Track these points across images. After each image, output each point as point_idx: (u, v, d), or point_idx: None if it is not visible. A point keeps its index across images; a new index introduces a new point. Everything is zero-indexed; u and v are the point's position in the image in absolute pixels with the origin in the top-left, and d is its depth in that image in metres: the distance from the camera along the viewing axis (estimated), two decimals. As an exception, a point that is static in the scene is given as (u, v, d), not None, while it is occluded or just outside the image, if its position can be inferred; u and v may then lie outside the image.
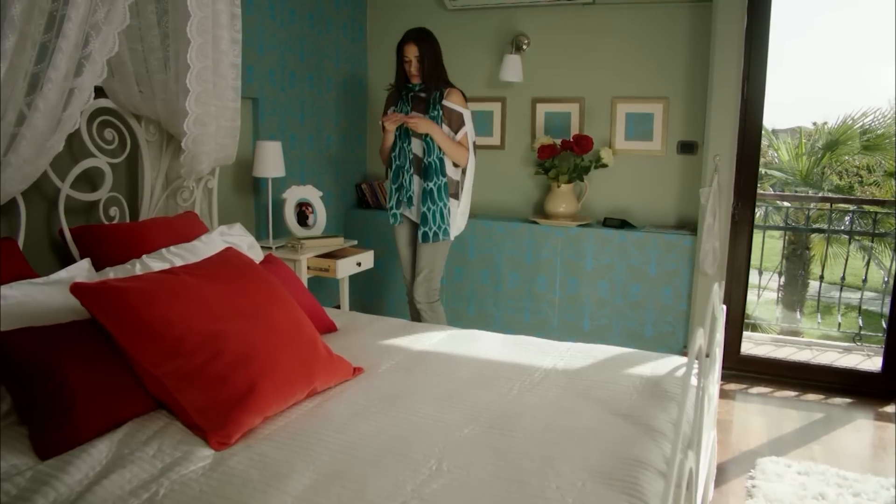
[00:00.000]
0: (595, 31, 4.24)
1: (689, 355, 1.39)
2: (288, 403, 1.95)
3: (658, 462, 1.70)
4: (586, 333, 4.25)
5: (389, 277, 4.63)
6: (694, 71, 4.06)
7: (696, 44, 4.03)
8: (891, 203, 6.10)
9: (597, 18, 4.22)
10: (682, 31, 4.06)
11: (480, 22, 4.48)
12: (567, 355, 2.52)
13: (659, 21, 4.10)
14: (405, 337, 2.67)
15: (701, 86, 4.03)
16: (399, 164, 3.54)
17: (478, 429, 1.85)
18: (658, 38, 4.12)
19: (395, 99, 3.58)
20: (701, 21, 3.98)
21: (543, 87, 4.42)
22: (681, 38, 4.07)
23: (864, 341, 4.71)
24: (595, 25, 4.23)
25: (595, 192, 4.37)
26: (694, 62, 4.05)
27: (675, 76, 4.12)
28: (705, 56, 3.97)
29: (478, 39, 4.51)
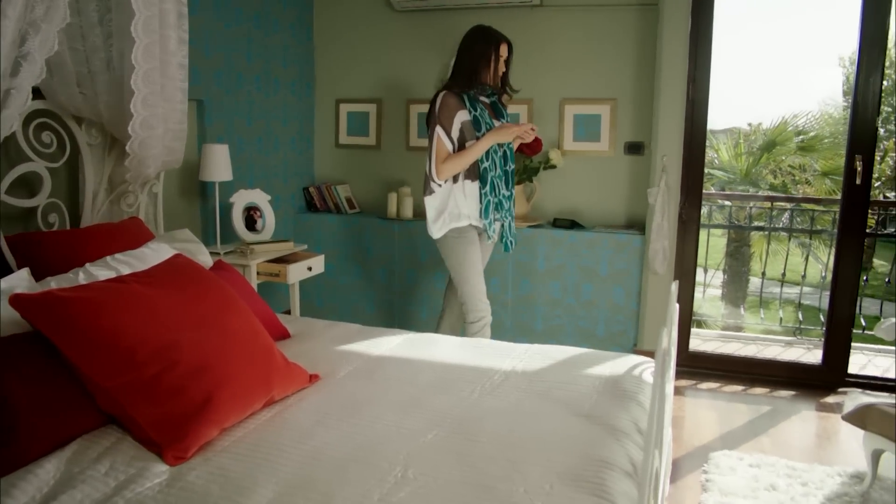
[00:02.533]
0: (543, 33, 4.27)
1: (658, 355, 1.40)
2: (246, 414, 1.89)
3: (623, 462, 1.70)
4: (539, 334, 4.27)
5: (340, 282, 4.57)
6: (640, 73, 4.12)
7: (643, 46, 4.09)
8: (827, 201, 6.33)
9: (545, 21, 4.25)
10: (629, 33, 4.12)
11: (429, 24, 4.46)
12: (525, 357, 2.52)
13: (606, 24, 4.15)
14: (362, 342, 2.63)
15: (647, 87, 4.09)
16: (493, 175, 3.23)
17: (441, 434, 1.83)
18: (605, 41, 4.17)
19: (460, 101, 3.17)
20: (647, 24, 4.04)
21: (493, 88, 4.41)
22: (627, 40, 4.13)
23: (804, 335, 4.87)
24: (543, 27, 4.26)
25: (545, 193, 4.39)
26: (640, 64, 4.12)
27: (623, 78, 4.18)
28: (651, 58, 4.03)
29: (427, 41, 4.48)
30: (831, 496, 2.66)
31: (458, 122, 3.16)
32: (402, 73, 4.57)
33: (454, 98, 3.17)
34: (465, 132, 3.17)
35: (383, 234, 4.49)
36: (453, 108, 3.15)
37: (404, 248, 4.46)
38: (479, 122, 3.17)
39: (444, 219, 3.25)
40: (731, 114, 17.97)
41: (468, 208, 3.23)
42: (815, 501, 2.62)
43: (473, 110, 3.17)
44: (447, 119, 3.15)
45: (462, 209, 3.23)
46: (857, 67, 3.63)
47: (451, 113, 3.15)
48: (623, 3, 4.08)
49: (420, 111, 4.55)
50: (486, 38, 3.19)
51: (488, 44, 3.18)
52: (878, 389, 3.83)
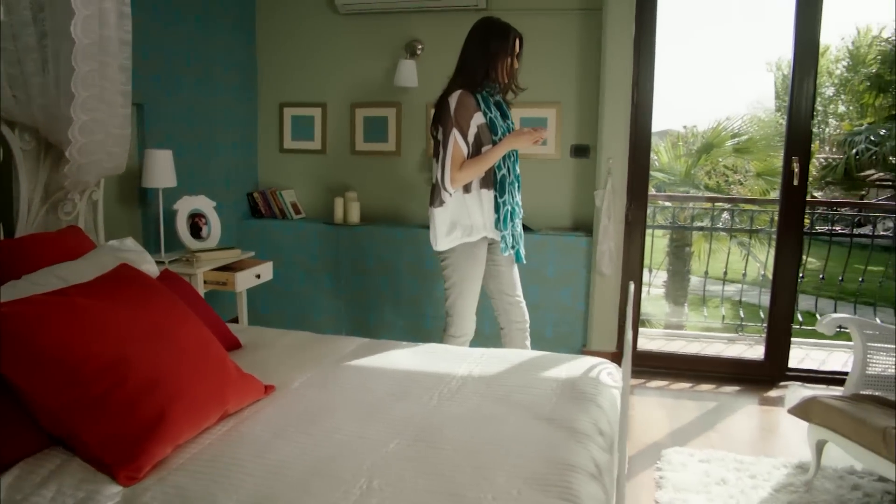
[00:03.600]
0: (489, 37, 4.27)
1: (625, 356, 1.40)
2: (200, 429, 1.82)
3: (588, 464, 1.70)
4: (487, 337, 4.26)
5: (286, 288, 4.48)
6: (585, 76, 4.17)
7: (587, 50, 4.14)
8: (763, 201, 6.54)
9: (490, 24, 4.25)
10: (574, 37, 4.17)
11: (373, 27, 4.42)
12: (481, 361, 2.50)
13: (551, 28, 4.18)
14: (315, 350, 2.57)
15: (592, 91, 4.14)
16: (509, 181, 3.03)
17: (404, 443, 1.80)
18: (550, 45, 4.20)
19: (475, 101, 2.94)
20: (591, 28, 4.09)
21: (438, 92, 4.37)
22: (572, 44, 4.17)
23: (746, 331, 5.01)
24: (488, 31, 4.26)
25: (492, 197, 4.40)
26: (585, 68, 4.17)
27: (568, 81, 4.22)
28: (596, 62, 4.09)
29: (371, 44, 4.45)
30: (778, 487, 2.74)
31: (475, 125, 2.91)
32: (347, 77, 4.52)
33: (471, 98, 2.91)
34: (482, 136, 2.93)
35: (330, 240, 4.43)
36: (471, 110, 2.90)
37: (351, 254, 4.41)
38: (495, 126, 2.94)
39: (455, 233, 3.01)
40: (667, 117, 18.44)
41: (483, 219, 3.00)
42: (764, 493, 2.69)
43: (489, 112, 2.94)
44: (465, 121, 2.89)
45: (475, 221, 3.00)
46: (792, 74, 3.76)
47: (469, 114, 2.90)
48: (567, 8, 4.12)
49: (366, 115, 4.51)
50: (501, 32, 2.95)
51: (505, 38, 2.94)
52: (816, 382, 3.97)
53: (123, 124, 2.60)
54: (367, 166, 4.58)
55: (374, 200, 4.57)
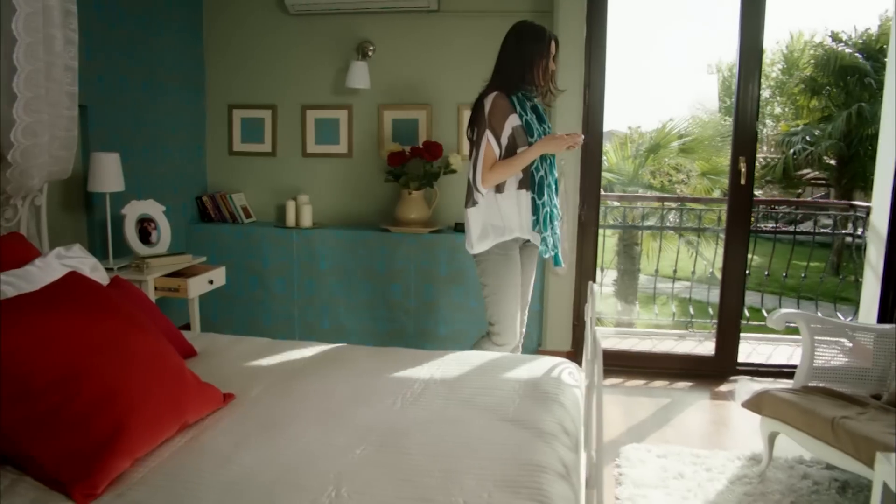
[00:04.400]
0: (440, 38, 4.28)
1: (593, 356, 1.41)
2: (159, 441, 1.76)
3: (556, 464, 1.71)
4: (443, 339, 4.27)
5: (237, 294, 4.39)
6: (536, 79, 4.19)
7: (538, 52, 4.16)
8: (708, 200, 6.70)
9: (441, 26, 4.26)
10: (524, 40, 4.18)
11: (324, 28, 4.37)
12: (442, 364, 2.49)
13: (502, 29, 4.13)
14: (272, 357, 2.53)
15: (543, 93, 4.17)
16: (548, 183, 2.99)
17: (370, 449, 1.77)
18: (501, 46, 4.21)
19: (510, 104, 2.93)
20: (541, 31, 4.12)
21: (390, 93, 4.39)
22: (523, 46, 4.19)
23: (695, 328, 5.12)
24: (440, 32, 4.27)
25: (446, 198, 4.40)
26: (536, 70, 4.19)
27: (519, 83, 4.24)
28: (547, 64, 4.12)
29: (322, 45, 4.40)
30: (733, 479, 2.80)
31: (510, 126, 2.90)
32: (298, 78, 4.46)
33: (506, 100, 2.91)
34: (517, 138, 2.92)
35: (282, 244, 4.36)
36: (505, 112, 2.90)
37: (303, 258, 4.35)
38: (530, 127, 2.93)
39: (489, 234, 2.98)
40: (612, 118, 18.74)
41: (517, 220, 2.97)
42: (720, 485, 2.75)
43: (524, 114, 2.93)
44: (498, 123, 2.89)
45: (508, 221, 2.97)
46: (737, 77, 3.86)
47: (503, 116, 2.90)
48: (518, 10, 4.14)
49: (317, 117, 4.46)
50: (538, 35, 2.96)
51: (542, 41, 2.94)
52: (764, 375, 4.08)
53: (69, 126, 2.51)
54: (319, 169, 4.52)
55: (327, 203, 4.52)
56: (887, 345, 2.99)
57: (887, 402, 2.72)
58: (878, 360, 2.99)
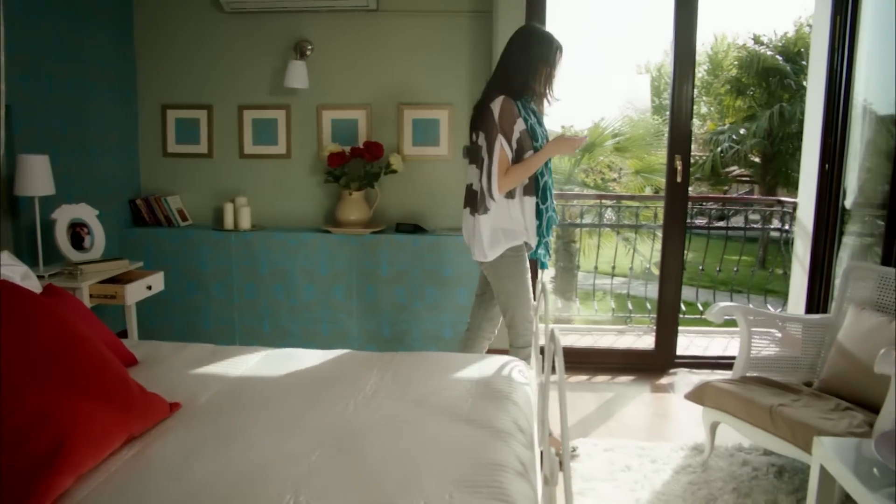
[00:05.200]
0: (379, 37, 4.25)
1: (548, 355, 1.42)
2: (104, 455, 1.69)
3: (514, 462, 1.72)
4: (386, 340, 4.25)
5: (174, 299, 4.26)
6: (476, 78, 4.22)
7: (478, 53, 4.19)
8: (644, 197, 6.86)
9: (381, 25, 4.24)
10: (464, 39, 4.21)
11: (261, 26, 4.29)
12: (393, 365, 2.48)
13: (441, 29, 4.21)
14: (218, 363, 2.46)
15: (483, 92, 4.19)
16: (549, 188, 2.99)
17: (326, 454, 1.74)
18: (441, 46, 4.23)
19: (517, 108, 2.89)
20: (481, 30, 4.15)
21: (329, 93, 4.34)
22: (463, 46, 4.21)
23: (634, 323, 5.23)
24: (379, 32, 4.24)
25: (386, 199, 4.38)
26: (476, 70, 4.22)
27: (459, 83, 4.26)
28: (486, 64, 4.14)
29: (259, 44, 4.31)
30: (678, 469, 2.88)
31: (518, 131, 2.87)
32: (234, 78, 4.36)
33: (513, 104, 2.88)
34: (523, 143, 2.89)
35: (220, 247, 4.26)
36: (515, 116, 2.87)
37: (242, 261, 4.26)
38: (535, 132, 2.91)
39: (500, 239, 2.95)
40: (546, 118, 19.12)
41: (524, 225, 2.96)
42: (665, 476, 2.82)
43: (529, 118, 2.92)
44: (509, 127, 2.86)
45: (517, 226, 2.95)
46: (672, 78, 3.96)
47: (513, 121, 2.86)
48: (457, 10, 4.16)
49: (254, 117, 4.37)
50: (547, 41, 2.92)
51: (549, 47, 2.91)
52: (701, 367, 4.21)
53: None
54: (257, 170, 4.44)
55: (266, 205, 4.44)
56: (816, 334, 3.12)
57: (818, 388, 2.84)
58: (807, 349, 3.12)
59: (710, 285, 6.11)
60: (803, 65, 13.66)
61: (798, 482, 2.75)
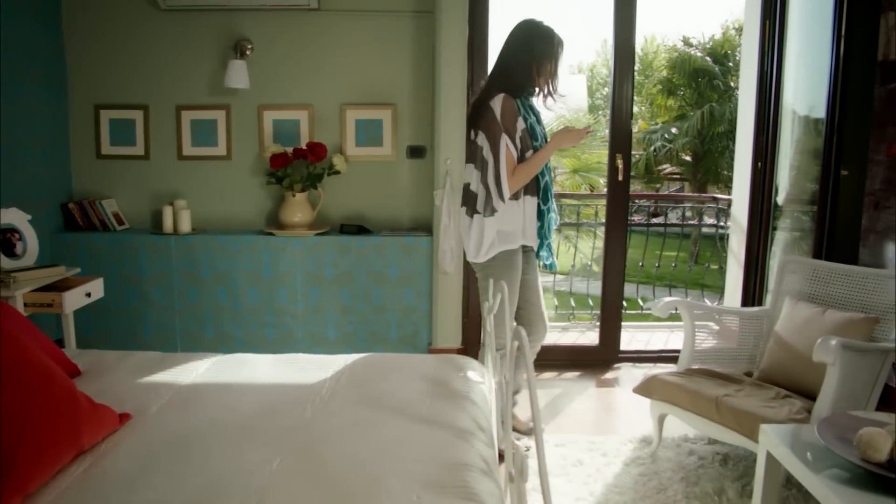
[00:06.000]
0: (321, 37, 4.20)
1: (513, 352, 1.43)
2: (52, 472, 1.62)
3: (478, 461, 1.73)
4: (332, 343, 4.22)
5: (112, 305, 4.11)
6: (419, 78, 4.22)
7: (421, 52, 4.19)
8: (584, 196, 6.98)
9: (322, 25, 4.19)
10: (407, 39, 4.20)
11: (199, 24, 4.18)
12: (347, 368, 2.46)
13: (384, 29, 4.19)
14: (166, 371, 2.39)
15: (427, 92, 4.20)
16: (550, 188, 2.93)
17: (287, 460, 1.72)
18: (384, 46, 4.21)
19: (516, 106, 2.85)
20: (424, 31, 4.15)
21: (270, 93, 4.27)
22: (406, 46, 4.21)
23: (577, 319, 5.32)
24: (321, 32, 4.20)
25: (330, 200, 4.34)
26: (419, 70, 4.21)
27: (402, 83, 4.25)
28: (429, 64, 4.15)
29: (197, 43, 4.20)
30: (628, 461, 2.95)
31: (519, 129, 2.83)
32: (171, 77, 4.24)
33: (513, 102, 2.83)
34: (525, 141, 2.85)
35: (159, 251, 4.14)
36: (515, 114, 2.82)
37: (183, 265, 4.15)
38: (534, 131, 2.87)
39: (495, 242, 2.89)
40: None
41: (523, 226, 2.91)
42: (616, 468, 2.88)
43: (528, 117, 2.87)
44: (511, 126, 2.80)
45: (516, 228, 2.90)
46: (612, 78, 4.05)
47: (514, 119, 2.81)
48: (400, 10, 4.15)
49: (193, 118, 4.27)
50: (547, 36, 2.86)
51: (550, 42, 2.85)
52: (644, 361, 4.32)
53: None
54: (197, 172, 4.33)
55: (206, 207, 4.33)
56: (753, 326, 3.24)
57: (759, 378, 2.95)
58: (745, 341, 3.24)
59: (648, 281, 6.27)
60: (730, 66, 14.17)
61: (742, 469, 2.85)
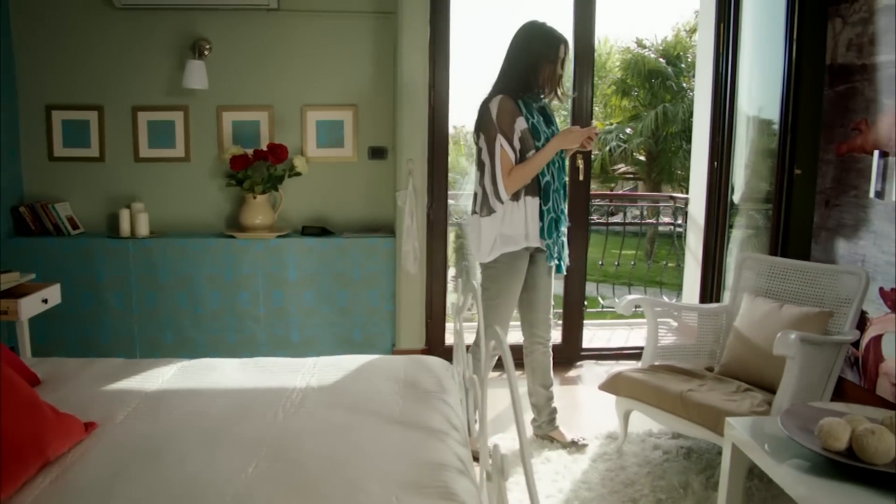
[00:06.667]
0: (281, 37, 4.16)
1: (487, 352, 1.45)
2: (18, 485, 1.57)
3: (454, 461, 1.74)
4: (295, 346, 4.18)
5: (68, 311, 3.99)
6: (380, 79, 4.21)
7: (382, 53, 4.18)
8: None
9: (282, 25, 4.15)
10: (368, 40, 4.19)
11: (155, 23, 4.10)
12: (316, 371, 2.44)
13: (345, 29, 4.17)
14: (131, 378, 2.34)
15: (388, 93, 4.20)
16: (553, 188, 2.91)
17: (262, 465, 1.70)
18: (344, 47, 4.19)
19: (516, 106, 2.85)
20: (385, 31, 4.14)
21: (230, 94, 4.21)
22: (367, 47, 4.19)
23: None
24: (281, 32, 4.16)
25: (291, 202, 4.30)
26: (380, 71, 4.21)
27: (363, 84, 4.24)
28: (391, 65, 4.15)
29: (153, 43, 4.12)
30: (595, 457, 3.00)
31: (518, 129, 2.82)
32: (127, 77, 4.15)
33: (511, 103, 2.83)
34: (525, 142, 2.84)
35: (116, 256, 4.04)
36: (513, 115, 2.82)
37: (141, 269, 4.07)
38: (537, 131, 2.85)
39: (498, 243, 2.89)
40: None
41: (525, 228, 2.89)
42: (584, 465, 2.93)
43: (531, 117, 2.85)
44: (508, 126, 2.81)
45: (518, 230, 2.89)
46: (573, 79, 4.10)
47: (511, 119, 2.81)
48: (361, 10, 4.13)
49: (150, 119, 4.18)
50: (547, 38, 2.86)
51: (548, 43, 2.85)
52: (605, 359, 4.39)
53: None
54: (155, 174, 4.25)
55: (165, 210, 4.25)
56: (713, 322, 3.32)
57: (720, 372, 3.03)
58: (704, 336, 3.31)
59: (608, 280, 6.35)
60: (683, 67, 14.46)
61: (705, 462, 2.92)
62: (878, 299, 3.37)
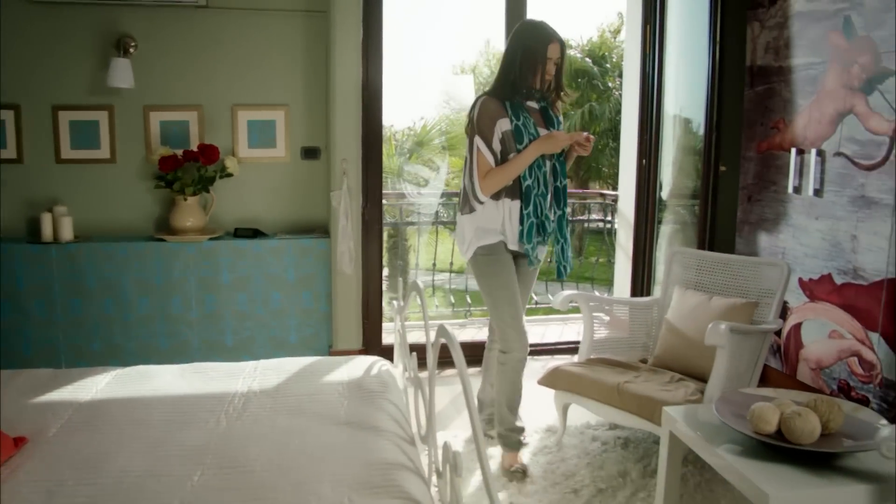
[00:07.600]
0: (210, 35, 4.06)
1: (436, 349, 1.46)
2: (-52, 502, 1.51)
3: (404, 460, 1.75)
4: (231, 349, 4.10)
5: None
6: (312, 78, 4.16)
7: (314, 52, 4.13)
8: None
9: (211, 23, 4.04)
10: (299, 39, 4.13)
11: (75, 19, 3.93)
12: (257, 374, 2.42)
13: (275, 28, 4.10)
14: (63, 388, 2.26)
15: (320, 92, 4.16)
16: (536, 192, 2.84)
17: (209, 472, 1.67)
18: (275, 46, 4.12)
19: (501, 107, 2.80)
20: (317, 30, 4.09)
21: (157, 94, 4.08)
22: (298, 46, 4.14)
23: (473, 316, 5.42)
24: (210, 30, 4.06)
25: (223, 203, 4.21)
26: (312, 70, 4.16)
27: (295, 83, 4.18)
28: (322, 64, 4.11)
29: (74, 39, 3.95)
30: (535, 451, 3.05)
31: (499, 131, 2.78)
32: (46, 75, 3.97)
33: (495, 103, 2.80)
34: (507, 143, 2.79)
35: (38, 262, 3.86)
36: (493, 116, 2.78)
37: (65, 276, 3.90)
38: (520, 133, 2.77)
39: (473, 237, 2.89)
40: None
41: (505, 227, 2.86)
42: (526, 459, 2.97)
43: (516, 119, 2.78)
44: (487, 128, 2.78)
45: (492, 225, 2.86)
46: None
47: (491, 121, 2.77)
48: (291, 9, 4.07)
49: (72, 119, 4.02)
50: (536, 36, 2.80)
51: (538, 42, 2.79)
52: (541, 354, 4.47)
53: None
54: (78, 176, 4.08)
55: (90, 214, 4.09)
56: (645, 315, 3.42)
57: (654, 364, 3.12)
58: (637, 329, 3.41)
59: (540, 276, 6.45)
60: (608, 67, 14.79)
61: (642, 451, 3.01)
62: (798, 289, 3.55)
